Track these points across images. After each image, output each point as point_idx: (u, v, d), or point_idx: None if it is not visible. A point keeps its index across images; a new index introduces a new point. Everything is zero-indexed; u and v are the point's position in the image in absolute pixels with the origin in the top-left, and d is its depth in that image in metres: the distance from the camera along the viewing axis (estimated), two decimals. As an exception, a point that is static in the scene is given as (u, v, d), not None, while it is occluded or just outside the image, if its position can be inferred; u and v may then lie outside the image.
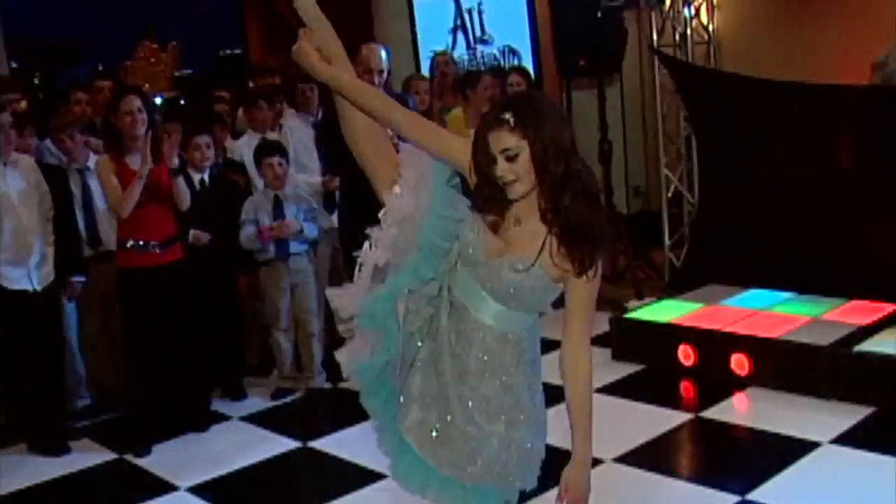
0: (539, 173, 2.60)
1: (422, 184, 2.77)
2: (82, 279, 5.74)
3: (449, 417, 2.81)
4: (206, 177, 5.90)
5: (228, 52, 14.84)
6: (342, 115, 2.94)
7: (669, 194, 7.88)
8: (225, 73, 14.18)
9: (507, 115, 2.58)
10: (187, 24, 14.54)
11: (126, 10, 12.98)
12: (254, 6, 11.64)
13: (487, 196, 2.68)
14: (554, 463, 2.80)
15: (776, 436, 4.87)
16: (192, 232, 5.70)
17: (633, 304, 6.91)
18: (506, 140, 2.58)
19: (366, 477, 4.76)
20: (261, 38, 11.78)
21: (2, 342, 5.47)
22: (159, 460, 5.29)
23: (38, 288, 5.43)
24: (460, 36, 10.30)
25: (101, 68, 5.47)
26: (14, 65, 12.18)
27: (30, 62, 14.30)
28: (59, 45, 15.06)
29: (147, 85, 6.70)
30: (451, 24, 10.31)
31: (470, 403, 2.78)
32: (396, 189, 2.81)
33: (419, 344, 2.84)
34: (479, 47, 10.08)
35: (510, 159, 2.58)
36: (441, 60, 8.02)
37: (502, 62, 9.43)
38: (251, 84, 8.23)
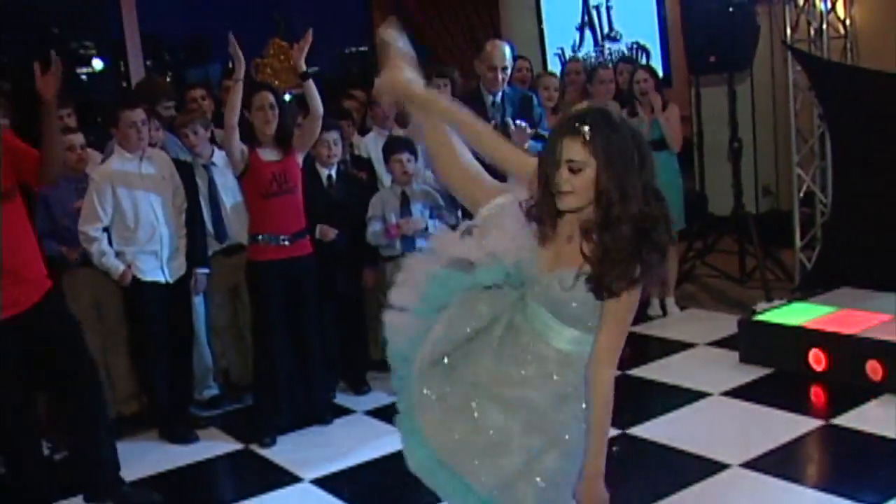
0: (597, 196, 2.58)
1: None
2: (207, 272, 5.86)
3: (476, 415, 2.82)
4: (333, 172, 5.96)
5: (354, 49, 15.02)
6: (431, 156, 3.08)
7: (801, 194, 7.66)
8: (350, 70, 14.41)
9: (585, 128, 2.56)
10: (315, 22, 14.76)
11: (254, 9, 13.24)
12: (381, 4, 11.73)
13: (540, 200, 2.67)
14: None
15: None
16: (319, 227, 5.77)
17: (761, 306, 6.74)
18: (576, 151, 2.57)
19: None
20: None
21: (136, 332, 5.65)
22: (284, 451, 5.38)
23: (171, 280, 5.58)
24: (588, 33, 10.23)
25: (231, 66, 5.59)
26: (148, 63, 12.57)
27: (161, 61, 14.72)
28: (189, 44, 15.46)
29: (277, 81, 6.77)
30: (578, 21, 10.25)
31: (510, 407, 2.78)
32: (504, 198, 2.83)
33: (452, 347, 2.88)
34: (607, 44, 9.99)
35: (573, 171, 2.57)
36: (572, 69, 7.95)
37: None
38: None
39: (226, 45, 5.37)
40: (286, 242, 5.40)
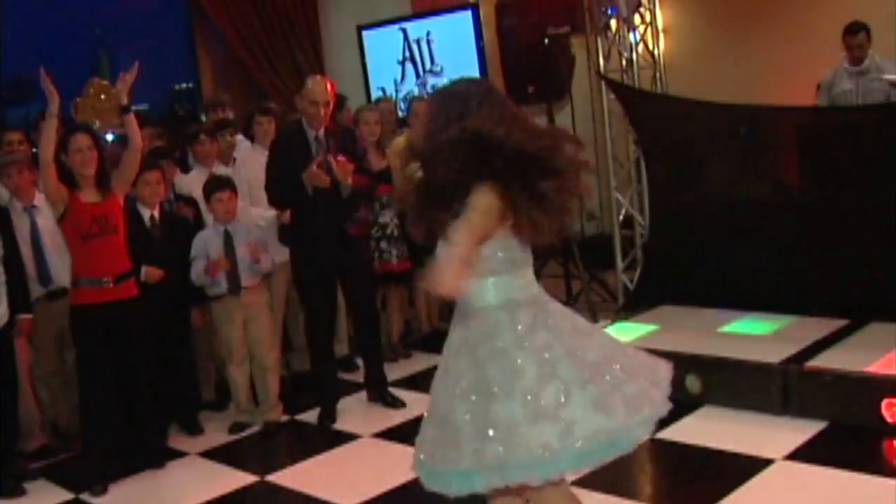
0: None
1: None
2: (30, 317, 5.70)
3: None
4: (155, 213, 5.89)
5: (181, 86, 14.81)
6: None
7: (621, 217, 7.95)
8: (175, 107, 14.18)
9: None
10: (140, 58, 14.51)
11: (77, 46, 12.92)
12: (205, 41, 11.65)
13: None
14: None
15: (724, 453, 4.92)
16: (143, 269, 5.68)
17: (587, 327, 6.93)
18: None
19: (323, 509, 4.77)
20: (213, 71, 11.78)
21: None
22: (116, 499, 5.26)
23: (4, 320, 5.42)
24: (409, 67, 10.36)
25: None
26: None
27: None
28: (8, 83, 14.95)
29: (97, 121, 6.63)
30: (399, 56, 10.38)
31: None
32: None
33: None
34: (430, 78, 10.14)
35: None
36: (385, 108, 8.05)
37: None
38: (204, 118, 8.21)
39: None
40: (109, 284, 5.29)
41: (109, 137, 7.12)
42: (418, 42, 10.17)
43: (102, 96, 7.97)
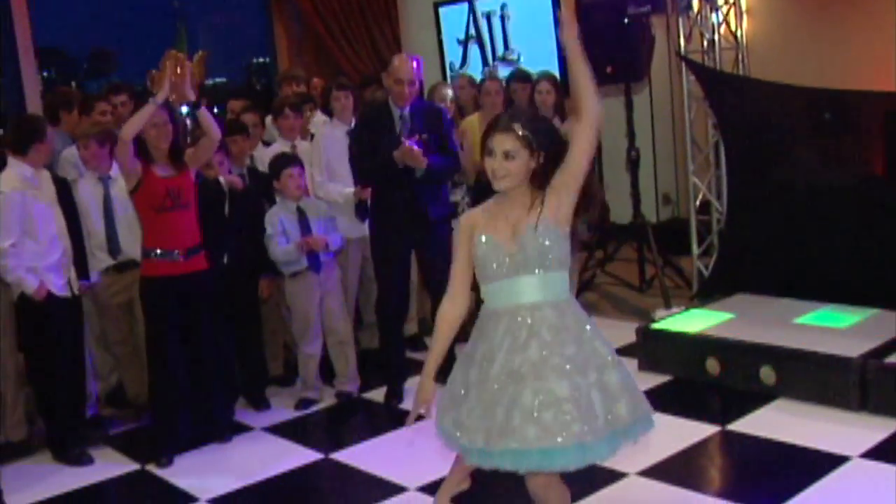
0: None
1: None
2: (90, 283, 5.78)
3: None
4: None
5: (258, 61, 14.92)
6: None
7: (698, 202, 7.79)
8: (252, 82, 14.31)
9: (515, 125, 3.28)
10: (218, 33, 14.63)
11: (157, 20, 13.04)
12: (283, 17, 11.69)
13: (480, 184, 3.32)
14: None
15: (798, 448, 4.79)
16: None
17: (660, 313, 6.83)
18: (507, 144, 3.25)
19: (387, 490, 4.74)
20: (290, 47, 11.82)
21: (36, 354, 5.49)
22: (181, 471, 5.27)
23: (76, 293, 5.50)
24: (474, 49, 10.24)
25: (114, 81, 5.58)
26: (45, 73, 12.31)
27: (64, 73, 14.44)
28: (91, 55, 15.21)
29: (172, 95, 6.66)
30: (462, 34, 10.25)
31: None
32: None
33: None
34: (500, 67, 10.02)
35: (509, 159, 3.26)
36: (463, 84, 8.01)
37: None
38: (278, 92, 8.25)
39: (129, 56, 5.27)
40: (180, 258, 5.31)
41: (184, 110, 7.14)
42: (489, 18, 10.01)
43: (179, 70, 8.00)
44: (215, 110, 8.29)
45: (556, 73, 8.06)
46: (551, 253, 3.28)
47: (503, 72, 8.88)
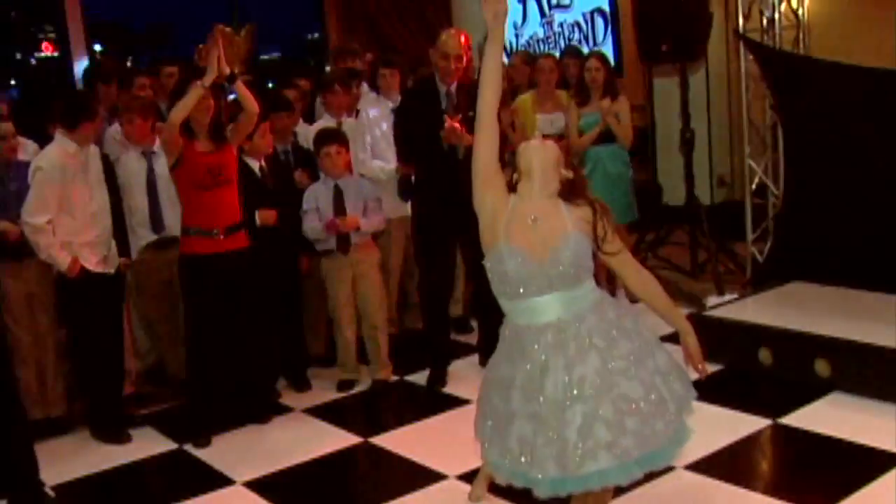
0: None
1: None
2: (129, 260, 5.74)
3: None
4: (263, 163, 5.83)
5: (311, 36, 14.88)
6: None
7: (754, 186, 7.57)
8: (304, 57, 14.27)
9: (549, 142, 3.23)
10: (271, 8, 14.63)
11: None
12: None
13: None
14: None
15: (853, 445, 4.59)
16: (258, 213, 5.62)
17: (713, 300, 6.64)
18: (541, 156, 3.16)
19: (426, 478, 4.63)
20: (340, 22, 11.71)
21: (75, 330, 5.46)
22: (219, 452, 5.22)
23: (113, 271, 5.45)
24: (532, 6, 10.05)
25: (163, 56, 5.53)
26: (99, 48, 12.34)
27: (121, 47, 14.53)
28: (148, 29, 15.30)
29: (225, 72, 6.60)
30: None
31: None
32: None
33: None
34: (556, 14, 9.81)
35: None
36: (517, 61, 7.86)
37: (585, 29, 9.22)
38: (331, 67, 8.13)
39: (185, 30, 5.18)
40: (220, 236, 5.22)
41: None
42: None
43: (227, 44, 7.91)
44: (270, 85, 8.20)
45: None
46: (584, 263, 3.14)
47: (559, 18, 8.72)
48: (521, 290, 3.12)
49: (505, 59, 8.09)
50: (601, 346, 3.09)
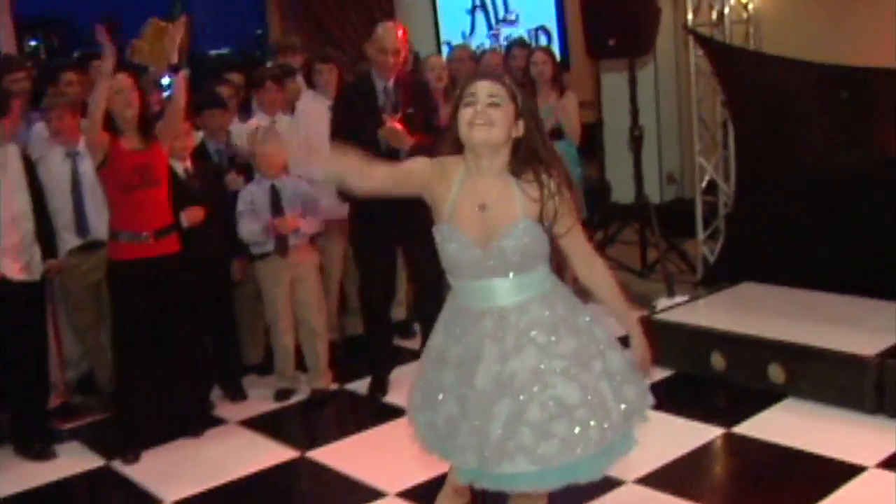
0: (523, 140, 2.93)
1: None
2: (57, 262, 5.44)
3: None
4: (188, 165, 5.57)
5: (257, 32, 14.68)
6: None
7: (704, 183, 7.43)
8: (246, 52, 14.02)
9: (504, 77, 2.97)
10: (216, 4, 14.36)
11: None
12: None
13: (451, 141, 2.96)
14: None
15: (809, 455, 4.44)
16: (183, 214, 5.32)
17: (663, 302, 6.47)
18: (495, 90, 2.87)
19: (365, 495, 4.40)
20: (283, 18, 11.53)
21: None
22: (148, 468, 4.95)
23: (37, 277, 5.20)
24: (480, 17, 9.95)
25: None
26: (32, 43, 12.00)
27: (68, 42, 14.21)
28: (103, 21, 15.00)
29: (153, 65, 6.30)
30: (469, 4, 9.96)
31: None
32: None
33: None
34: (503, 28, 9.70)
35: (494, 105, 2.85)
36: (458, 55, 7.61)
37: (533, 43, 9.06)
38: (270, 63, 7.88)
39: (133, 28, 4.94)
40: (149, 239, 4.96)
41: (165, 81, 6.78)
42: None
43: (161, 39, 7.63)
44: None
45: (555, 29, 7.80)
46: (533, 251, 2.95)
47: (505, 31, 8.60)
48: (464, 272, 2.97)
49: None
50: (541, 341, 2.91)
